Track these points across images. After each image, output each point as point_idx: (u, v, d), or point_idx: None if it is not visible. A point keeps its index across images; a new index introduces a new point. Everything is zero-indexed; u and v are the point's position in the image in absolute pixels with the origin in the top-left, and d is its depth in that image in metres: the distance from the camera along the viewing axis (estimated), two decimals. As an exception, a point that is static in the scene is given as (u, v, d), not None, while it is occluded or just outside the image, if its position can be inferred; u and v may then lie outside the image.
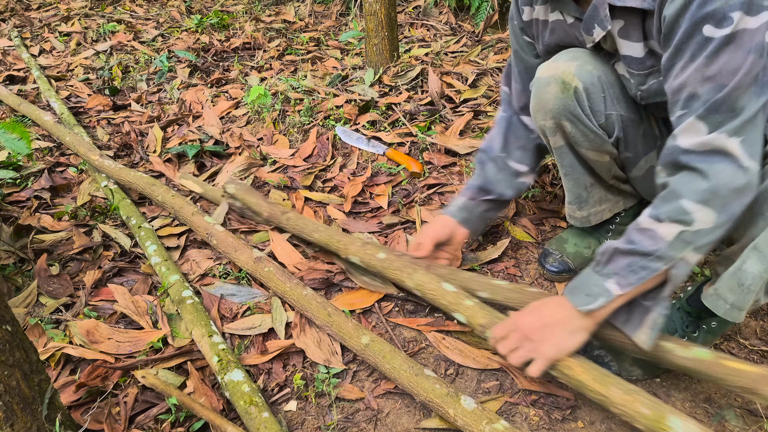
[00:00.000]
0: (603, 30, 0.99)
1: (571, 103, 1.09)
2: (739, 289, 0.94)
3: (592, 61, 1.08)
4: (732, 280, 0.95)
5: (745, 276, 0.93)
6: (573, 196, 1.31)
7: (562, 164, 1.25)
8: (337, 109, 2.22)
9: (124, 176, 1.81)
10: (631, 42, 0.99)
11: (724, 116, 0.84)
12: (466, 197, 1.35)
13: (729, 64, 0.82)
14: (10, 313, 0.86)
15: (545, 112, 1.14)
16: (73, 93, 2.73)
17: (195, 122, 2.36)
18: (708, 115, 0.85)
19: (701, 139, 0.86)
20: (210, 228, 1.55)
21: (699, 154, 0.86)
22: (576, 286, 0.99)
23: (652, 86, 1.03)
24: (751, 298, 0.95)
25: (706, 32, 0.82)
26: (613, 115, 1.12)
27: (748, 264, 0.92)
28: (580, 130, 1.13)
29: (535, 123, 1.19)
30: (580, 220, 1.35)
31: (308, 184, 1.88)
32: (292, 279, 1.34)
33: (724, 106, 0.83)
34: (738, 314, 0.98)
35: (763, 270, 0.92)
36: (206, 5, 3.97)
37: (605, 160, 1.21)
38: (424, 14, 3.25)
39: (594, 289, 0.95)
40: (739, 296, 0.95)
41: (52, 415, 0.92)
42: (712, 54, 0.83)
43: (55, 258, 1.57)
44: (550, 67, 1.10)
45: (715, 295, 0.99)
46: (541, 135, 1.22)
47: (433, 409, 1.04)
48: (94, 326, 1.29)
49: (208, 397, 1.11)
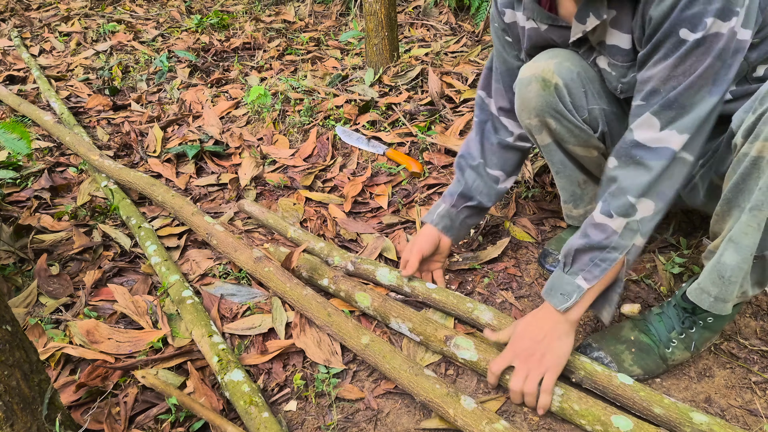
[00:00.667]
0: (598, 19, 1.01)
1: (553, 99, 1.11)
2: (721, 282, 0.98)
3: (571, 58, 1.11)
4: (713, 273, 0.99)
5: (724, 268, 0.97)
6: (567, 194, 1.32)
7: (553, 162, 1.26)
8: (337, 109, 2.22)
9: (124, 176, 1.81)
10: (621, 32, 1.02)
11: (675, 113, 0.93)
12: (447, 204, 1.35)
13: (693, 66, 0.90)
14: (10, 313, 0.86)
15: (529, 111, 1.16)
16: (73, 93, 2.73)
17: (195, 122, 2.36)
18: (661, 111, 0.94)
19: (654, 135, 0.95)
20: (210, 228, 1.55)
21: (648, 149, 0.96)
22: (551, 288, 1.06)
23: (632, 79, 1.06)
24: (734, 289, 0.98)
25: (681, 35, 0.89)
26: (595, 110, 1.15)
27: (726, 256, 0.96)
28: (565, 126, 1.15)
29: (521, 123, 1.22)
30: (578, 219, 1.36)
31: (308, 184, 1.88)
32: (292, 279, 1.34)
33: (676, 103, 0.92)
34: (723, 306, 1.01)
35: (740, 260, 0.95)
36: (206, 5, 3.97)
37: (593, 155, 1.22)
38: (424, 14, 3.25)
39: (566, 287, 1.03)
40: (721, 288, 0.99)
41: (52, 415, 0.92)
42: (682, 55, 0.90)
43: (55, 258, 1.57)
44: (531, 67, 1.13)
45: (699, 289, 1.03)
46: (529, 134, 1.24)
47: (433, 409, 1.04)
48: (94, 326, 1.29)
49: (208, 397, 1.11)
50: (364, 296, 1.29)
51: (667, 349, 1.10)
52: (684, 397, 1.09)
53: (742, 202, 0.92)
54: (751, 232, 0.92)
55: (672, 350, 1.10)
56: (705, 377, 1.12)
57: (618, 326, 1.16)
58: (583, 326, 1.27)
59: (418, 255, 1.31)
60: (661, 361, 1.10)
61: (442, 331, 1.17)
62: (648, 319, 1.14)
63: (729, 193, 0.94)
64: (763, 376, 1.11)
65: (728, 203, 0.94)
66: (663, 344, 1.10)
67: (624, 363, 1.09)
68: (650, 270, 1.38)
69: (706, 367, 1.14)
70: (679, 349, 1.10)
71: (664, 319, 1.12)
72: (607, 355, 1.10)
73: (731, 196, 0.93)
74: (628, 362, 1.09)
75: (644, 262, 1.41)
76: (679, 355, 1.11)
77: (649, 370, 1.10)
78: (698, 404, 1.08)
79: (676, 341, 1.10)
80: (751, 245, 0.93)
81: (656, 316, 1.14)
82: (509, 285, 1.40)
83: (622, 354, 1.10)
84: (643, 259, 1.42)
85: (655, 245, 1.45)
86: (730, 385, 1.10)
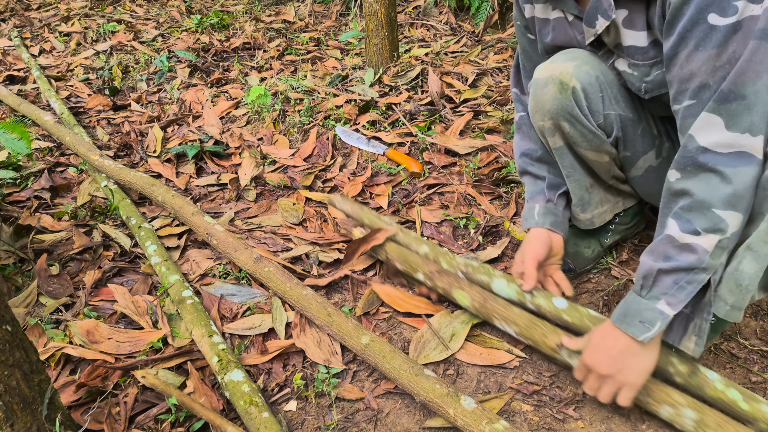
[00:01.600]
0: (607, 20, 0.99)
1: (569, 103, 1.09)
2: (738, 290, 0.94)
3: (590, 60, 1.08)
4: (730, 281, 0.94)
5: (742, 277, 0.92)
6: (576, 198, 1.30)
7: (563, 165, 1.24)
8: (337, 109, 2.22)
9: (124, 176, 1.81)
10: (636, 31, 0.99)
11: (736, 105, 0.84)
12: (541, 202, 1.26)
13: (737, 52, 0.82)
14: (10, 313, 0.86)
15: (543, 113, 1.14)
16: (73, 93, 2.73)
17: (195, 122, 2.36)
18: (719, 106, 0.85)
19: (722, 137, 0.85)
20: (210, 228, 1.55)
21: (721, 155, 0.86)
22: (626, 315, 0.96)
23: (657, 77, 1.02)
24: (749, 297, 0.95)
25: (711, 20, 0.83)
26: (611, 115, 1.12)
27: (744, 264, 0.92)
28: (579, 131, 1.13)
29: (534, 124, 1.19)
30: (585, 223, 1.34)
31: (308, 184, 1.88)
32: (292, 279, 1.34)
33: (733, 94, 0.83)
34: (737, 314, 0.97)
35: (758, 269, 0.91)
36: (206, 5, 3.97)
37: (604, 161, 1.21)
38: (424, 14, 3.25)
39: (647, 314, 0.93)
40: (738, 297, 0.95)
41: (52, 415, 0.92)
42: (721, 42, 0.83)
43: (55, 258, 1.57)
44: (548, 68, 1.11)
45: (716, 297, 0.98)
46: (540, 136, 1.22)
47: (433, 409, 1.04)
48: (94, 326, 1.29)
49: (208, 397, 1.11)
50: (463, 295, 1.21)
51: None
52: (684, 397, 1.09)
53: (765, 210, 0.88)
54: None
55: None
56: (705, 377, 1.12)
57: None
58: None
59: (534, 262, 1.17)
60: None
61: (553, 337, 1.09)
62: None
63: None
64: (763, 376, 1.11)
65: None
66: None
67: None
68: (650, 270, 1.38)
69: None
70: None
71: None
72: None
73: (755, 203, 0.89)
74: None
75: (644, 262, 1.41)
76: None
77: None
78: (698, 404, 1.08)
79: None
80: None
81: None
82: (509, 285, 1.40)
83: None
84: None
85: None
86: (730, 385, 1.10)
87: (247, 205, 1.81)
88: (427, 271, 1.27)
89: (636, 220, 1.42)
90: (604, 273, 1.40)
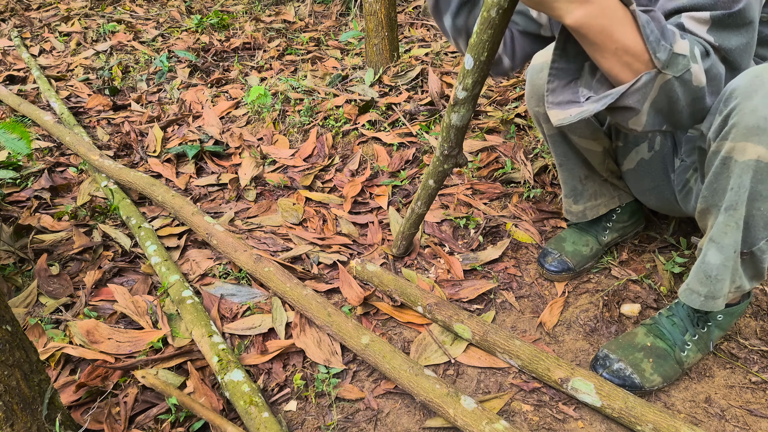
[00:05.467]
0: None
1: None
2: (708, 281, 0.98)
3: None
4: (699, 273, 0.99)
5: (709, 268, 0.97)
6: (568, 188, 1.32)
7: (556, 153, 1.26)
8: (337, 109, 2.22)
9: (124, 176, 1.81)
10: None
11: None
12: None
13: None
14: (10, 313, 0.86)
15: (538, 99, 1.16)
16: (73, 93, 2.73)
17: (195, 122, 2.36)
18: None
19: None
20: (210, 228, 1.55)
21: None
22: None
23: None
24: (723, 286, 0.98)
25: None
26: None
27: (709, 256, 0.96)
28: None
29: (530, 110, 1.21)
30: (576, 215, 1.35)
31: (308, 184, 1.88)
32: (292, 279, 1.34)
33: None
34: (714, 303, 1.01)
35: (724, 259, 0.95)
36: (206, 5, 3.97)
37: (598, 150, 1.22)
38: (424, 14, 3.25)
39: None
40: (710, 287, 0.99)
41: (52, 415, 0.92)
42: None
43: (55, 258, 1.57)
44: (544, 54, 1.12)
45: (688, 290, 1.03)
46: (535, 123, 1.24)
47: (433, 409, 1.04)
48: (94, 326, 1.29)
49: (208, 397, 1.11)
50: (463, 328, 1.21)
51: (683, 352, 1.10)
52: (684, 397, 1.09)
53: (717, 201, 0.92)
54: (730, 231, 0.92)
55: (687, 353, 1.10)
56: (705, 377, 1.12)
57: (631, 333, 1.15)
58: (595, 334, 1.27)
59: None
60: (677, 366, 1.10)
61: (557, 371, 1.09)
62: (660, 322, 1.13)
63: (705, 191, 0.94)
64: (763, 377, 1.11)
65: (706, 201, 0.95)
66: (678, 348, 1.10)
67: (645, 373, 1.08)
68: (650, 270, 1.38)
69: (706, 367, 1.14)
70: (693, 351, 1.10)
71: (676, 321, 1.12)
72: (627, 366, 1.09)
73: (708, 195, 0.93)
74: (648, 371, 1.08)
75: (644, 262, 1.41)
76: (693, 357, 1.10)
77: (667, 377, 1.09)
78: (698, 404, 1.08)
79: (690, 344, 1.10)
80: (732, 243, 0.93)
81: (667, 319, 1.13)
82: (509, 285, 1.40)
83: (642, 363, 1.09)
84: (643, 259, 1.42)
85: (655, 245, 1.45)
86: (730, 385, 1.10)
87: (247, 205, 1.81)
88: (425, 304, 1.28)
89: (635, 219, 1.42)
90: (604, 273, 1.40)
